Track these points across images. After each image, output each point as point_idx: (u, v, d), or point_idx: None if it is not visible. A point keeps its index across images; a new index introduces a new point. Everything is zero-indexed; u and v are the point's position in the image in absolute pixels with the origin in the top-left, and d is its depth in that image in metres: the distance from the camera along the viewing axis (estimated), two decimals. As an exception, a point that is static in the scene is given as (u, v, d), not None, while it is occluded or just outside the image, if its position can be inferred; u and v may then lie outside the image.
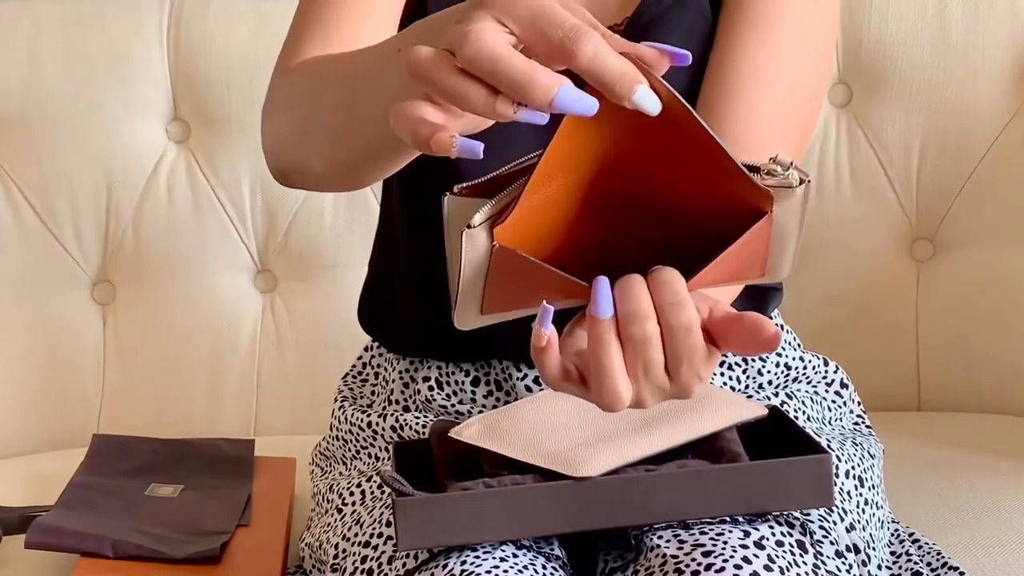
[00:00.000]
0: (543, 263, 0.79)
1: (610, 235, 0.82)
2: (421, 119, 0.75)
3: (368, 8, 1.12)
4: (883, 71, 1.62)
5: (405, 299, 1.21)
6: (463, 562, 0.96)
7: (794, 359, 1.23)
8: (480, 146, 0.74)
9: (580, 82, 0.74)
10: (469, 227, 0.79)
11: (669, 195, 0.80)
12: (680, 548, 0.95)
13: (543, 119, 0.74)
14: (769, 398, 1.19)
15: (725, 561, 0.93)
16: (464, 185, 0.81)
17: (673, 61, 0.75)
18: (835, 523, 1.05)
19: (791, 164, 0.80)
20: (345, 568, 1.05)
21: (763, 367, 1.20)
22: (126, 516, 1.29)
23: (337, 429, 1.24)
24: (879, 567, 1.11)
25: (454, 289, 0.81)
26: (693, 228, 0.81)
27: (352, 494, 1.14)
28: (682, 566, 0.94)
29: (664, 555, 0.96)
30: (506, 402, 1.16)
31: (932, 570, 1.18)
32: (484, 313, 0.82)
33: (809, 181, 0.80)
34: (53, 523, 1.24)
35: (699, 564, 0.93)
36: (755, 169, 0.79)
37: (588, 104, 0.73)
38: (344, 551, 1.07)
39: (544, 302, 0.79)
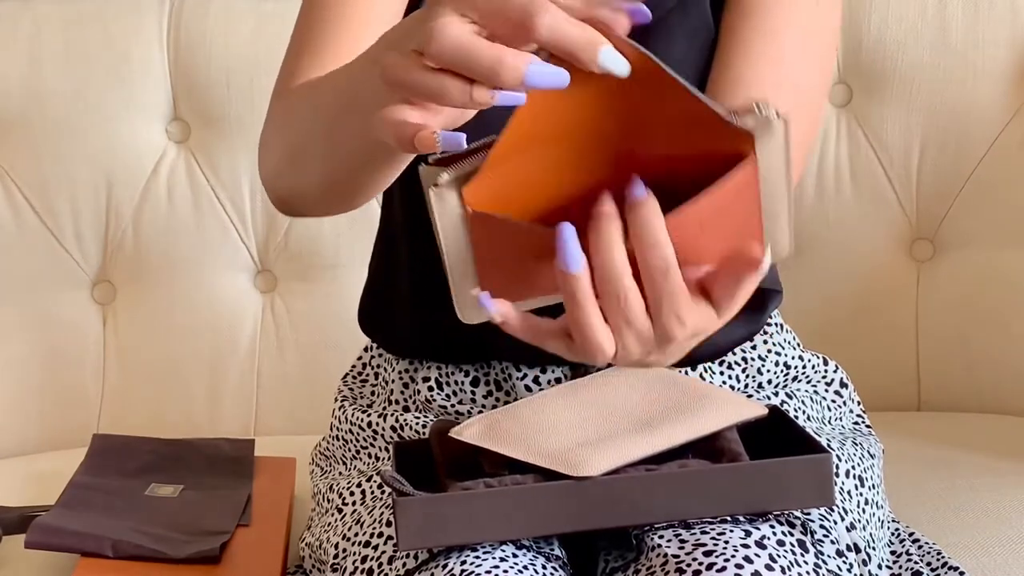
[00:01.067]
0: (517, 221, 0.79)
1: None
2: (403, 122, 0.76)
3: (364, 24, 1.12)
4: (883, 71, 1.62)
5: (405, 302, 1.20)
6: (463, 562, 0.96)
7: (793, 359, 1.23)
8: (463, 137, 0.75)
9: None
10: (436, 185, 0.79)
11: (658, 158, 0.80)
12: (681, 548, 0.96)
13: (521, 99, 0.75)
14: (769, 397, 1.19)
15: (727, 561, 0.93)
16: (439, 155, 0.81)
17: (633, 19, 0.75)
18: (836, 522, 1.05)
19: (767, 104, 0.80)
20: (345, 568, 1.05)
21: (762, 366, 1.20)
22: (126, 516, 1.29)
23: (337, 429, 1.24)
24: (879, 566, 1.11)
25: (444, 262, 0.81)
26: (686, 192, 0.81)
27: (352, 494, 1.14)
28: (683, 566, 0.94)
29: (665, 555, 0.96)
30: (506, 402, 1.16)
31: (932, 570, 1.18)
32: (483, 289, 0.82)
33: (787, 120, 0.80)
34: (53, 523, 1.24)
35: (700, 564, 0.93)
36: (733, 113, 0.80)
37: (559, 76, 0.74)
38: (344, 551, 1.07)
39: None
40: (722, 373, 1.18)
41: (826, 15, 1.14)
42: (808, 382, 1.23)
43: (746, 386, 1.19)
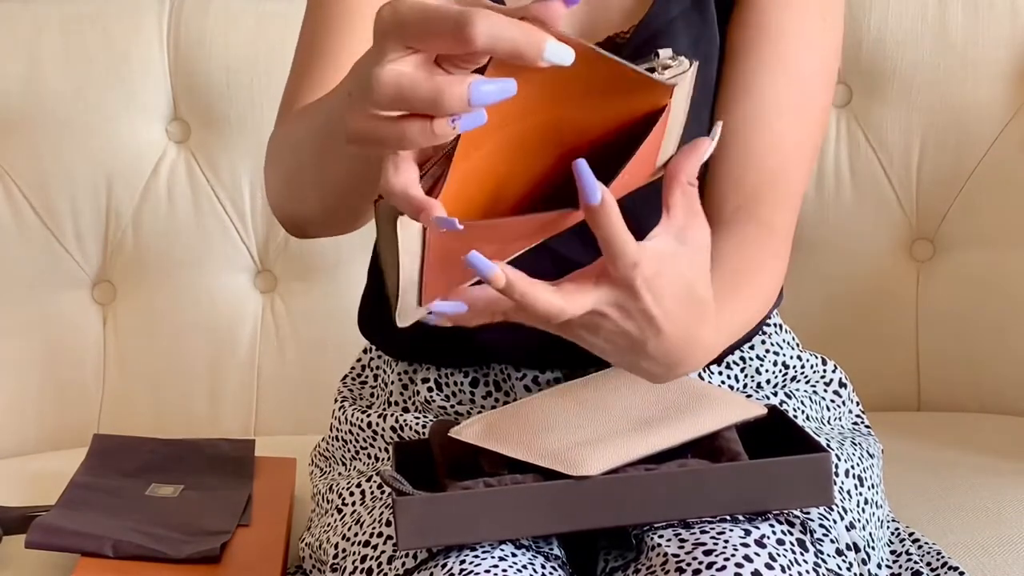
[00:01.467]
0: (502, 219, 0.80)
1: (553, 187, 0.85)
2: (404, 196, 0.77)
3: (365, 45, 1.13)
4: (883, 71, 1.62)
5: None
6: (462, 561, 0.96)
7: (792, 359, 1.23)
8: (455, 221, 0.77)
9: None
10: (401, 215, 0.80)
11: (597, 130, 0.83)
12: (681, 547, 0.96)
13: (481, 118, 0.75)
14: (768, 397, 1.19)
15: (727, 560, 0.93)
16: None
17: (567, 5, 0.76)
18: (835, 522, 1.05)
19: (678, 56, 0.84)
20: (345, 568, 1.05)
21: (761, 366, 1.20)
22: (126, 516, 1.29)
23: (337, 430, 1.24)
24: (879, 565, 1.11)
25: (394, 288, 0.82)
26: (614, 143, 0.84)
27: (352, 494, 1.14)
28: (683, 565, 0.94)
29: (665, 554, 0.96)
30: (505, 403, 1.16)
31: (932, 570, 1.18)
32: (423, 303, 0.83)
33: (696, 62, 0.85)
34: (53, 523, 1.24)
35: (700, 563, 0.93)
36: (652, 70, 0.83)
37: (505, 87, 0.75)
38: (344, 551, 1.08)
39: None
40: (720, 373, 1.18)
41: (834, 27, 1.16)
42: (807, 382, 1.23)
43: (744, 386, 1.19)
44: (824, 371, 1.25)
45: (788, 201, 1.12)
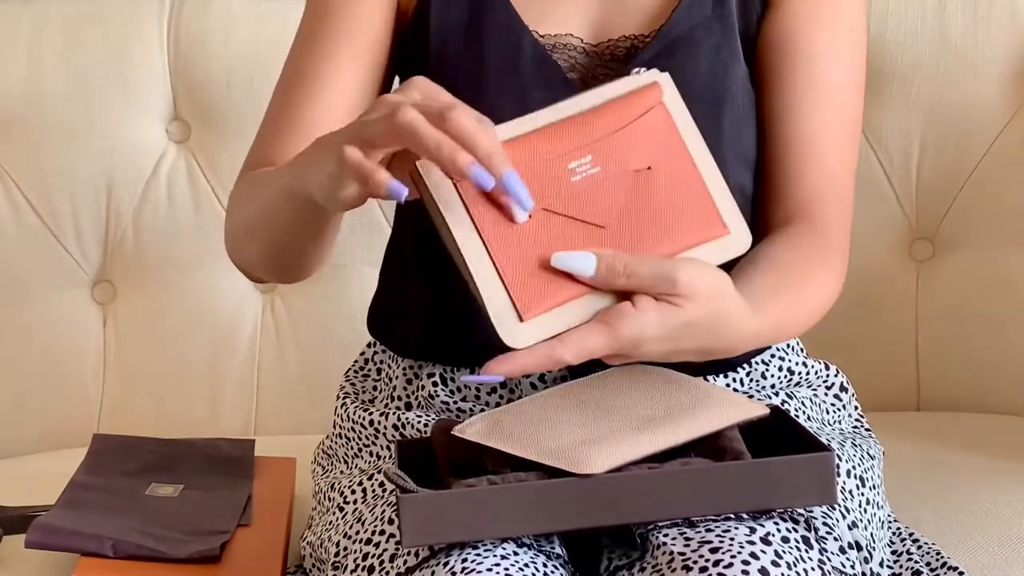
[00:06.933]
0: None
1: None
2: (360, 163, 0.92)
3: (331, 112, 1.18)
4: (883, 71, 1.62)
5: (418, 316, 1.20)
6: (464, 559, 0.96)
7: (797, 363, 1.23)
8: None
9: None
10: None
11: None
12: (687, 545, 0.96)
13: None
14: (768, 398, 1.19)
15: (733, 557, 0.93)
16: None
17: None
18: (838, 520, 1.05)
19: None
20: (346, 566, 1.05)
21: (766, 371, 1.20)
22: (126, 516, 1.29)
23: (340, 427, 1.24)
24: (880, 564, 1.11)
25: (477, 297, 0.88)
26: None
27: (354, 492, 1.14)
28: (690, 563, 0.94)
29: (671, 552, 0.96)
30: (509, 400, 1.16)
31: (932, 570, 1.18)
32: (525, 317, 0.91)
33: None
34: (53, 523, 1.24)
35: (707, 561, 0.94)
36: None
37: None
38: (345, 549, 1.08)
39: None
40: (726, 376, 1.18)
41: (859, 40, 1.18)
42: (809, 386, 1.24)
43: (748, 389, 1.19)
44: (827, 375, 1.25)
45: (838, 208, 1.17)
